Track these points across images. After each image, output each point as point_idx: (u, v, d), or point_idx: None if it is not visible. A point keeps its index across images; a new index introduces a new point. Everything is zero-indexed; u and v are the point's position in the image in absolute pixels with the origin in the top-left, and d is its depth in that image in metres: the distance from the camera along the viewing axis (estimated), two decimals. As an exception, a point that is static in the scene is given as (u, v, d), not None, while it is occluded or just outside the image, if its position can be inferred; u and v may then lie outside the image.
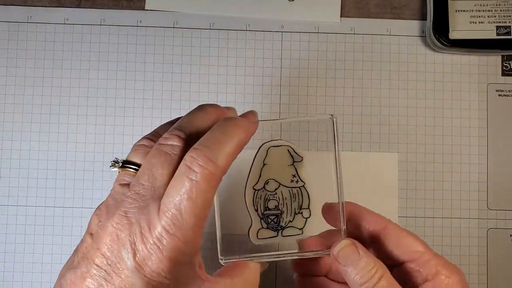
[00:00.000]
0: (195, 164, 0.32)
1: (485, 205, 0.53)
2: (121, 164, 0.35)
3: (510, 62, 0.54)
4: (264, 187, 0.41)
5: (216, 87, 0.53)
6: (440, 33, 0.52)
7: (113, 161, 0.36)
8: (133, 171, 0.34)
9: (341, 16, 0.54)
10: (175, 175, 0.32)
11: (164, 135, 0.34)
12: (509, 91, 0.53)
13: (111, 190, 0.35)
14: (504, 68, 0.54)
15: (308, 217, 0.40)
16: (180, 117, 0.37)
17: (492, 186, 0.53)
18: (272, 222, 0.41)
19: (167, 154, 0.33)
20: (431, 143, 0.53)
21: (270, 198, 0.41)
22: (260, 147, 0.40)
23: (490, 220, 0.52)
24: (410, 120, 0.53)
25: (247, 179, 0.40)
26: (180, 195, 0.31)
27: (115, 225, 0.32)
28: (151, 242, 0.31)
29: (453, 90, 0.54)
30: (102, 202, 0.34)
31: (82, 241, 0.34)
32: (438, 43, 0.52)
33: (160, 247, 0.31)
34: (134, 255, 0.31)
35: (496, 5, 0.53)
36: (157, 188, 0.32)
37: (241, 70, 0.53)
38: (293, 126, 0.53)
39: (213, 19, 0.54)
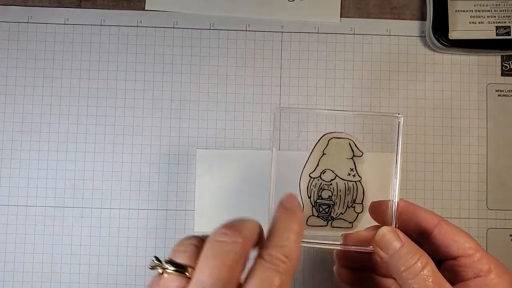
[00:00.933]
0: (275, 261, 0.31)
1: (485, 205, 0.53)
2: (166, 265, 0.31)
3: (510, 62, 0.54)
4: (320, 176, 0.41)
5: (216, 87, 0.53)
6: (440, 33, 0.52)
7: (154, 260, 0.32)
8: (181, 275, 0.31)
9: (340, 17, 0.54)
10: (255, 270, 0.31)
11: (218, 231, 0.32)
12: (509, 91, 0.53)
13: None
14: (503, 68, 0.54)
15: (360, 212, 0.41)
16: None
17: (492, 186, 0.53)
18: (323, 212, 0.41)
19: (230, 251, 0.31)
20: (431, 143, 0.53)
21: (325, 188, 0.41)
22: (322, 136, 0.41)
23: (489, 220, 0.52)
24: (410, 120, 0.53)
25: (305, 166, 0.41)
26: None
27: None
28: None
29: (453, 90, 0.54)
30: None
31: None
32: (438, 43, 0.52)
33: None
34: None
35: (496, 5, 0.53)
36: (226, 286, 0.30)
37: (241, 70, 0.53)
38: (356, 120, 0.53)
39: (213, 19, 0.54)
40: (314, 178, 0.41)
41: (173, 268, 0.31)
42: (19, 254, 0.51)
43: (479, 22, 0.52)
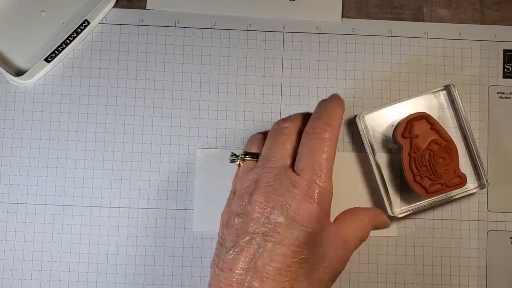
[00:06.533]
0: (317, 129, 0.41)
1: (485, 207, 0.52)
2: (243, 156, 0.44)
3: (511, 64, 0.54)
4: None
5: (217, 87, 0.53)
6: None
7: (232, 155, 0.45)
8: (255, 160, 0.44)
9: (342, 17, 0.54)
10: (301, 143, 0.42)
11: (275, 123, 0.44)
12: (510, 93, 0.53)
13: (239, 179, 0.43)
14: (505, 70, 0.54)
15: None
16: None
17: (492, 188, 0.52)
18: None
19: (284, 134, 0.43)
20: (432, 144, 0.53)
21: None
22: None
23: (490, 222, 0.52)
24: (410, 121, 0.53)
25: None
26: (311, 153, 0.40)
27: (262, 196, 0.40)
28: (300, 194, 0.39)
29: (454, 91, 0.54)
30: (232, 197, 0.43)
31: (230, 226, 0.41)
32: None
33: (310, 196, 0.39)
34: (287, 211, 0.39)
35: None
36: (285, 159, 0.42)
37: (242, 70, 0.53)
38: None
39: (214, 19, 0.54)
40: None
41: (248, 157, 0.44)
42: (19, 252, 0.51)
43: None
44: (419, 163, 0.49)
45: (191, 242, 0.52)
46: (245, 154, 0.44)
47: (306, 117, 0.44)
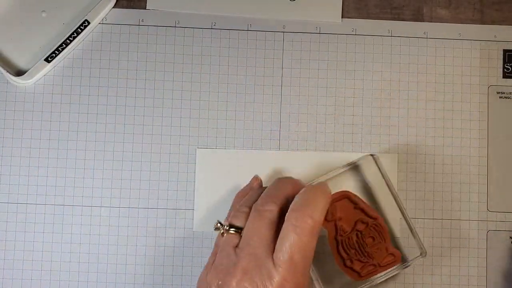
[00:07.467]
0: (299, 221, 0.41)
1: (485, 207, 0.52)
2: (227, 228, 0.44)
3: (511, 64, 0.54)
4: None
5: (217, 87, 0.53)
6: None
7: (218, 224, 0.44)
8: (238, 233, 0.43)
9: (342, 17, 0.54)
10: (282, 233, 0.41)
11: (259, 202, 0.44)
12: (510, 93, 0.53)
13: (219, 251, 0.43)
14: (505, 70, 0.54)
15: None
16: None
17: (492, 187, 0.53)
18: None
19: (267, 219, 0.42)
20: (432, 144, 0.53)
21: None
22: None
23: (490, 222, 0.52)
24: (410, 121, 0.53)
25: None
26: (291, 249, 0.40)
27: (239, 282, 0.40)
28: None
29: (454, 92, 0.53)
30: (212, 263, 0.43)
31: None
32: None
33: None
34: None
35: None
36: (267, 246, 0.41)
37: (242, 70, 0.53)
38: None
39: (214, 19, 0.54)
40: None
41: (232, 230, 0.43)
42: (19, 252, 0.51)
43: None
44: (348, 246, 0.46)
45: (191, 242, 0.52)
46: (230, 226, 0.44)
47: (293, 190, 0.44)
